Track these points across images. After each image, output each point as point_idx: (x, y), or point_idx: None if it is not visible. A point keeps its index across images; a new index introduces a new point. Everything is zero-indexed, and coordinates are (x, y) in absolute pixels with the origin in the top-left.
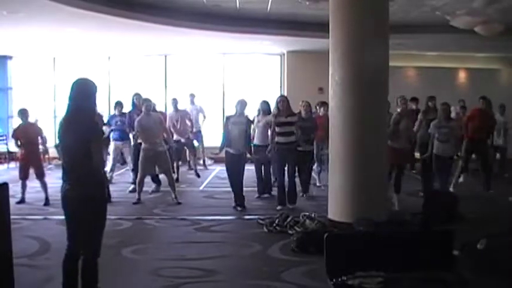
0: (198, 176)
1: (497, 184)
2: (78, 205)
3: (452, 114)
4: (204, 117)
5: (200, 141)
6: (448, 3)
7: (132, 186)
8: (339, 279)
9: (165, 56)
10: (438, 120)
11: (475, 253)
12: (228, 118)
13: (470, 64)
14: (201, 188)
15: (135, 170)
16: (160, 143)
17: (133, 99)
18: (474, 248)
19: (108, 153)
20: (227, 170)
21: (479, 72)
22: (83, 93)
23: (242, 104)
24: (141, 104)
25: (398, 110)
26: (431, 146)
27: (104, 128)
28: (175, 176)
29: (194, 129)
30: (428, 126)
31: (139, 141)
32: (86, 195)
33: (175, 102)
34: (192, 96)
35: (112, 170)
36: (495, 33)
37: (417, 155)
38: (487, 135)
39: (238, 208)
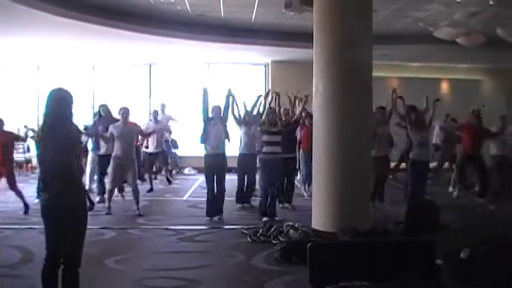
0: (169, 182)
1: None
2: (57, 214)
3: (436, 130)
4: (175, 120)
5: (175, 150)
6: (431, 14)
7: (99, 196)
8: None
9: (150, 65)
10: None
11: (458, 262)
12: (209, 119)
13: (453, 75)
14: (184, 197)
15: (101, 181)
16: (132, 153)
17: (99, 110)
18: (457, 256)
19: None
20: (206, 175)
21: (462, 82)
22: (59, 103)
23: (217, 110)
24: (120, 113)
25: (377, 118)
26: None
27: (83, 137)
28: (149, 186)
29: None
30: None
31: (103, 152)
32: (64, 204)
33: (155, 114)
34: (163, 106)
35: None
36: (477, 44)
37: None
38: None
39: (217, 217)
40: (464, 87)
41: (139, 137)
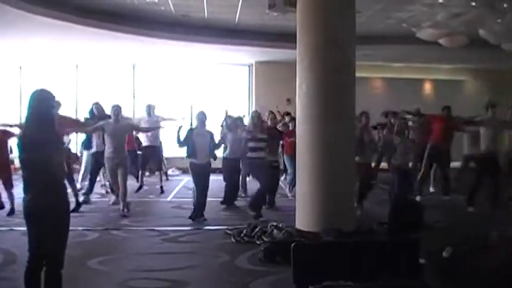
0: (162, 191)
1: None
2: (39, 216)
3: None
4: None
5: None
6: (413, 15)
7: (113, 197)
8: None
9: (134, 66)
10: (399, 134)
11: (441, 261)
12: (191, 130)
13: (436, 75)
14: (168, 198)
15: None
16: (124, 151)
17: (92, 109)
18: (440, 256)
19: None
20: (194, 180)
21: (444, 83)
22: (41, 104)
23: (201, 117)
24: (112, 111)
25: (360, 125)
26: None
27: (65, 137)
28: (138, 184)
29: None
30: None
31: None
32: (47, 205)
33: (149, 108)
34: (153, 106)
35: (83, 179)
36: (460, 45)
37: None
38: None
39: (200, 219)
40: (447, 88)
41: (137, 134)
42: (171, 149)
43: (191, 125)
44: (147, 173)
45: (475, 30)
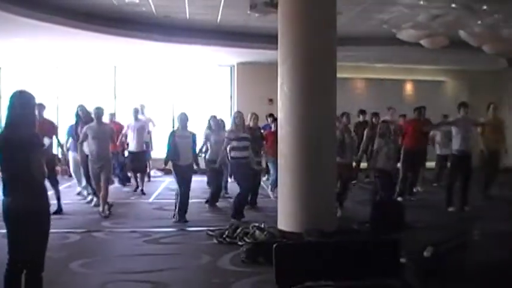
0: (143, 193)
1: (442, 193)
2: (19, 218)
3: None
4: (154, 125)
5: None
6: (394, 16)
7: (95, 199)
8: None
9: (115, 67)
10: (384, 137)
11: (422, 260)
12: (173, 132)
13: (417, 76)
14: (150, 200)
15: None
16: (107, 153)
17: (77, 111)
18: (421, 255)
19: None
20: (178, 181)
21: (425, 83)
22: (21, 106)
23: (183, 118)
24: (94, 113)
25: (341, 126)
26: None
27: (45, 139)
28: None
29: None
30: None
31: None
32: (26, 207)
33: (136, 112)
34: (142, 106)
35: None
36: (440, 46)
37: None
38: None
39: (182, 220)
40: (427, 88)
41: (121, 139)
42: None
43: (173, 127)
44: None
45: (455, 31)
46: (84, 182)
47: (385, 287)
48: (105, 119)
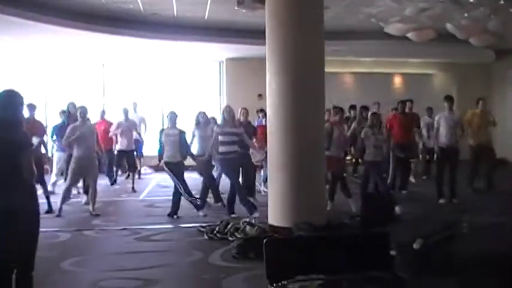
0: (134, 191)
1: (431, 185)
2: (8, 217)
3: None
4: (146, 126)
5: (140, 150)
6: (382, 10)
7: (85, 197)
8: (279, 284)
9: (103, 64)
10: (371, 127)
11: (412, 253)
12: (162, 131)
13: (405, 69)
14: (141, 197)
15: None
16: (93, 152)
17: (68, 109)
18: (410, 247)
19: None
20: (171, 177)
21: (413, 76)
22: (8, 105)
23: (171, 116)
24: (78, 112)
25: (331, 120)
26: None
27: (33, 138)
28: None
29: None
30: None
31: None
32: (16, 207)
33: (126, 111)
34: (135, 104)
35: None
36: (427, 39)
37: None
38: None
39: (174, 216)
40: (416, 81)
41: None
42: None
43: (163, 124)
44: (119, 172)
45: (442, 24)
46: (55, 179)
47: (375, 280)
48: (97, 117)
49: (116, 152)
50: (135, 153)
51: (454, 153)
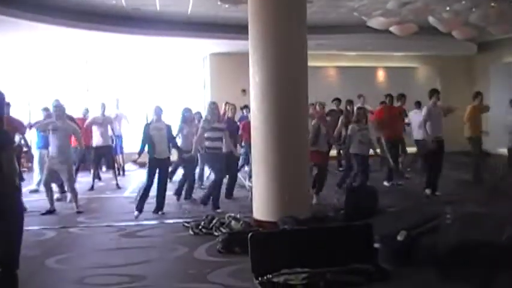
0: (119, 187)
1: (414, 177)
2: None
3: None
4: (128, 121)
5: (120, 146)
6: (364, 4)
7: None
8: (264, 278)
9: (86, 61)
10: (357, 122)
11: (395, 244)
12: (147, 125)
13: (389, 63)
14: (125, 194)
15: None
16: (67, 151)
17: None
18: (394, 239)
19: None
20: (150, 175)
21: (397, 70)
22: None
23: (157, 110)
24: (54, 109)
25: (315, 114)
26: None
27: (16, 136)
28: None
29: (116, 133)
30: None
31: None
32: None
33: (103, 106)
34: (117, 101)
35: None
36: (409, 33)
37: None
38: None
39: (159, 212)
40: (400, 75)
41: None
42: (127, 144)
43: (147, 119)
44: (104, 169)
45: (424, 18)
46: (38, 178)
47: (359, 272)
48: (79, 114)
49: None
50: (113, 149)
51: (441, 145)
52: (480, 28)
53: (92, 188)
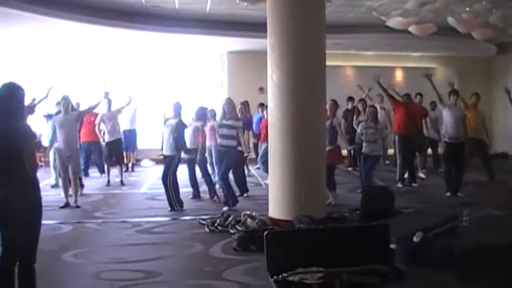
0: (123, 183)
1: (432, 178)
2: (10, 210)
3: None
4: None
5: (134, 140)
6: (383, 4)
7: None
8: (280, 276)
9: (104, 58)
10: (365, 121)
11: (411, 246)
12: (165, 121)
13: (407, 63)
14: (142, 190)
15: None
16: (75, 143)
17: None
18: (410, 241)
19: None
20: (163, 169)
21: (415, 70)
22: (10, 98)
23: (175, 106)
24: (61, 102)
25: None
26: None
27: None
28: (106, 178)
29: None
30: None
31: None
32: (18, 199)
33: (109, 102)
34: (130, 97)
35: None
36: (428, 33)
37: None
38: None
39: (176, 209)
40: (417, 75)
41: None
42: (144, 140)
43: (164, 117)
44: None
45: (443, 18)
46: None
47: (374, 273)
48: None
49: (104, 145)
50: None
51: (460, 147)
52: (500, 29)
53: (108, 184)
